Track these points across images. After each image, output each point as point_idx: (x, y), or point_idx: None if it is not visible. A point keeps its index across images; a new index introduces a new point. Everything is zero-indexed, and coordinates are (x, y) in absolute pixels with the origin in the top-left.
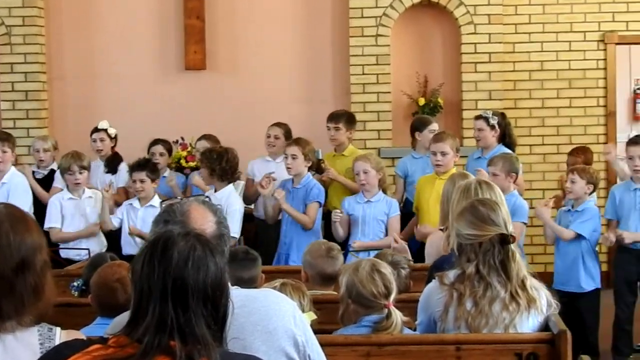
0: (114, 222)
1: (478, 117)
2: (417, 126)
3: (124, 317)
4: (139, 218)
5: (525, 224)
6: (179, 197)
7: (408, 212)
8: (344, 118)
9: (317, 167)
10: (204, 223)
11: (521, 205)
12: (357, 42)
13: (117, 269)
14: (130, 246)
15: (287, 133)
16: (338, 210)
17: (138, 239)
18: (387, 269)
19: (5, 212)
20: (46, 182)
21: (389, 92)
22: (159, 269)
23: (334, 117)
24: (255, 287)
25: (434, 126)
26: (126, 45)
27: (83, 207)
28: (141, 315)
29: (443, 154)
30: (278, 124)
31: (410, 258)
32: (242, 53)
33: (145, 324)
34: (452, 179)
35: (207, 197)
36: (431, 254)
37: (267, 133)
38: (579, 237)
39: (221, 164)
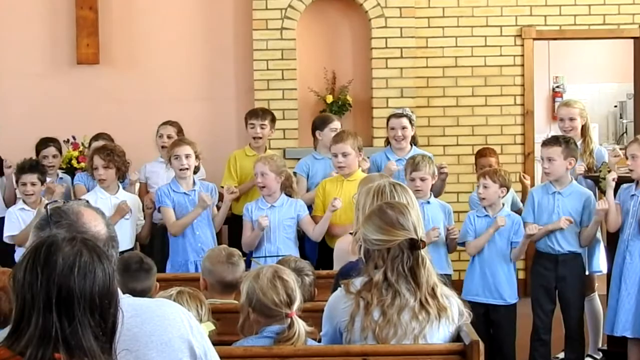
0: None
1: (401, 115)
2: (318, 125)
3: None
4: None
5: None
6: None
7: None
8: (270, 116)
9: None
10: (97, 224)
11: (449, 207)
12: (261, 35)
13: (0, 276)
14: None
15: (180, 132)
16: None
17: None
18: (290, 276)
19: None
20: None
21: (295, 89)
22: (42, 277)
23: (260, 114)
24: (150, 297)
25: (336, 124)
26: (12, 37)
27: None
28: (24, 326)
29: (344, 154)
30: (170, 123)
31: None
32: (139, 47)
33: (28, 336)
34: (368, 180)
35: (87, 201)
36: (339, 258)
37: (159, 132)
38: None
39: (125, 163)
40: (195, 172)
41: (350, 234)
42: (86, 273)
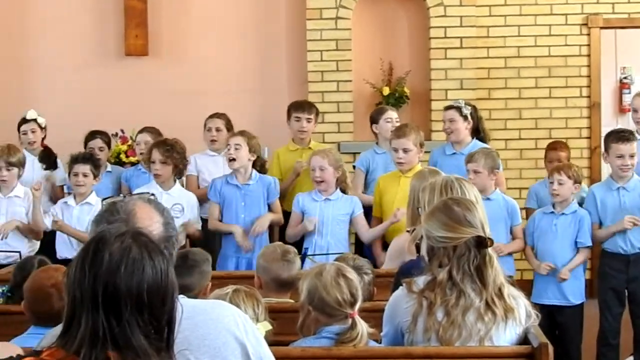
0: (46, 223)
1: (449, 107)
2: (374, 118)
3: (59, 330)
4: (74, 217)
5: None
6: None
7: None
8: (315, 109)
9: (261, 166)
10: (151, 224)
11: (515, 206)
12: (315, 25)
13: (52, 273)
14: (67, 249)
15: (228, 125)
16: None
17: (74, 240)
18: (353, 275)
19: None
20: None
21: (350, 81)
22: (89, 274)
23: (306, 107)
24: (196, 296)
25: (390, 114)
26: (60, 28)
27: (7, 206)
28: (74, 324)
29: (405, 150)
30: (218, 115)
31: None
32: (188, 38)
33: (80, 335)
34: (421, 175)
35: (153, 195)
36: (395, 256)
37: (207, 126)
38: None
39: (184, 160)
40: (260, 169)
41: (408, 231)
42: (134, 270)
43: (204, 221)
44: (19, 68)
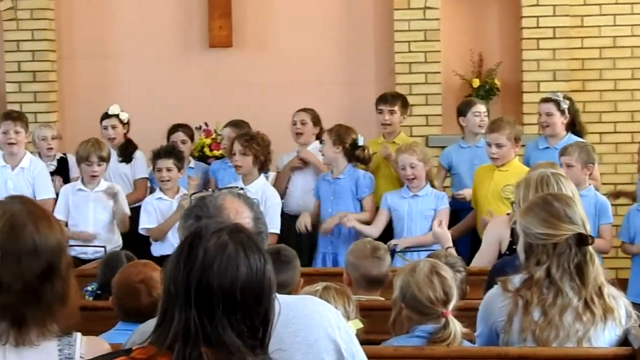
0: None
1: (546, 100)
2: (461, 110)
3: (149, 325)
4: (166, 212)
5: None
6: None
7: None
8: (400, 100)
9: (359, 157)
10: (239, 219)
11: (605, 203)
12: (403, 15)
13: (141, 268)
14: (161, 246)
15: (315, 119)
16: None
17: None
18: (448, 272)
19: (25, 209)
20: (58, 173)
21: (438, 73)
22: (183, 270)
23: (389, 99)
24: (290, 293)
25: (479, 108)
26: (143, 20)
27: (93, 200)
28: (168, 320)
29: (499, 145)
30: (304, 109)
31: (452, 248)
32: (273, 28)
33: (173, 330)
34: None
35: (242, 189)
36: (490, 236)
37: (293, 120)
38: None
39: (266, 152)
40: (364, 161)
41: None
42: (227, 268)
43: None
44: (103, 61)
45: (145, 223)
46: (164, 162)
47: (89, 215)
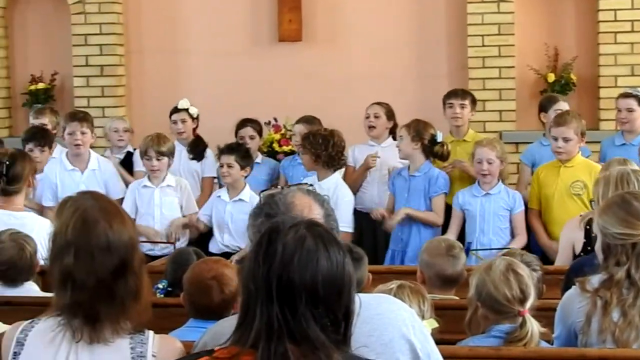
0: (203, 219)
1: (627, 96)
2: (543, 106)
3: (222, 326)
4: (227, 212)
5: None
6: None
7: None
8: (470, 96)
9: (438, 153)
10: (310, 216)
11: None
12: (476, 8)
13: (213, 265)
14: (216, 244)
15: (389, 112)
16: None
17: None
18: (524, 271)
19: (98, 205)
20: (123, 166)
21: (512, 67)
22: (263, 267)
23: (459, 93)
24: (361, 291)
25: (561, 105)
26: (212, 14)
27: (161, 196)
28: (249, 318)
29: (565, 139)
30: (378, 103)
31: None
32: (343, 22)
33: (255, 328)
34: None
35: (312, 185)
36: (563, 239)
37: (366, 112)
38: None
39: (327, 149)
40: (442, 157)
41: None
42: (308, 262)
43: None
44: (172, 56)
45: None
46: (225, 157)
47: (154, 212)
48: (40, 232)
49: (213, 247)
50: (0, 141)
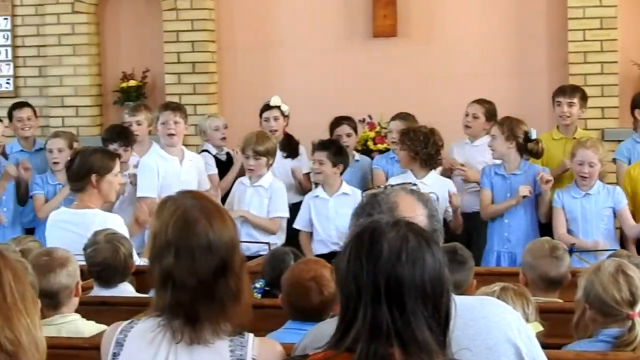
0: (299, 227)
1: None
2: (637, 101)
3: (322, 328)
4: (330, 208)
5: None
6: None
7: None
8: (579, 93)
9: (532, 150)
10: (414, 216)
11: None
12: (577, 2)
13: (312, 266)
14: (322, 245)
15: (489, 112)
16: None
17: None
18: (635, 272)
19: (198, 205)
20: (224, 167)
21: (615, 62)
22: (367, 266)
23: (567, 91)
24: (462, 294)
25: None
26: (305, 9)
27: (252, 195)
28: (350, 320)
29: None
30: (479, 101)
31: None
32: (439, 17)
33: (355, 330)
34: None
35: (415, 184)
36: None
37: (465, 111)
38: None
39: (427, 146)
40: (537, 155)
41: None
42: (415, 259)
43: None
44: (264, 52)
45: (298, 221)
46: (317, 154)
47: (252, 210)
48: (100, 227)
49: (319, 248)
50: (76, 139)
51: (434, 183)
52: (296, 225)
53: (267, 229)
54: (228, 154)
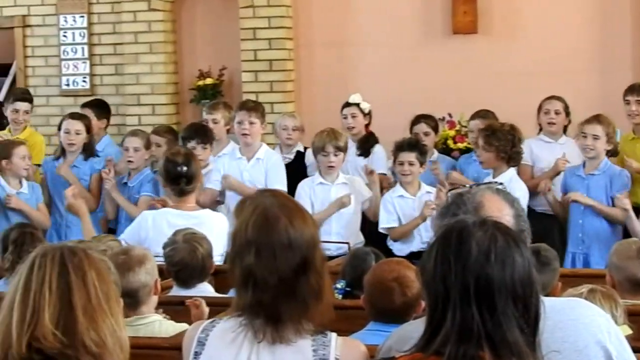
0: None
1: None
2: None
3: (406, 330)
4: (417, 209)
5: None
6: (468, 185)
7: None
8: None
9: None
10: (500, 216)
11: None
12: None
13: (395, 266)
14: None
15: (567, 109)
16: None
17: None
18: None
19: (278, 203)
20: (294, 166)
21: None
22: (456, 266)
23: (636, 89)
24: (548, 295)
25: None
26: (384, 5)
27: (335, 194)
28: (437, 322)
29: None
30: (557, 98)
31: None
32: (521, 13)
33: (444, 332)
34: None
35: (502, 184)
36: None
37: (545, 108)
38: None
39: (515, 145)
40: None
41: None
42: (504, 259)
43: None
44: (342, 49)
45: (385, 222)
46: (406, 155)
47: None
48: (218, 228)
49: (412, 246)
50: (175, 136)
51: (509, 182)
52: (382, 225)
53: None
54: (298, 152)
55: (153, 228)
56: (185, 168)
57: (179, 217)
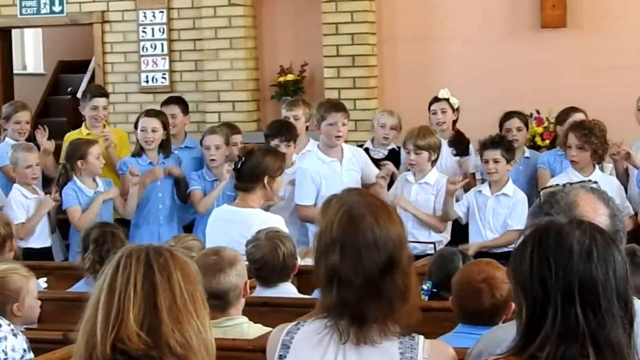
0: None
1: None
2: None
3: (497, 333)
4: (489, 207)
5: None
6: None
7: None
8: None
9: None
10: (595, 216)
11: None
12: None
13: (484, 267)
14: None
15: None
16: None
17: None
18: None
19: (364, 201)
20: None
21: None
22: (556, 266)
23: None
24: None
25: None
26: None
27: (417, 193)
28: (537, 325)
29: None
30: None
31: None
32: (611, 7)
33: (543, 334)
34: None
35: (596, 182)
36: None
37: (638, 105)
38: None
39: (606, 143)
40: None
41: None
42: (606, 257)
43: None
44: (426, 44)
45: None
46: (491, 153)
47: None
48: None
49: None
50: (239, 131)
51: (601, 180)
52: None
53: (435, 227)
54: (391, 150)
55: (212, 223)
56: (240, 164)
57: (225, 212)
